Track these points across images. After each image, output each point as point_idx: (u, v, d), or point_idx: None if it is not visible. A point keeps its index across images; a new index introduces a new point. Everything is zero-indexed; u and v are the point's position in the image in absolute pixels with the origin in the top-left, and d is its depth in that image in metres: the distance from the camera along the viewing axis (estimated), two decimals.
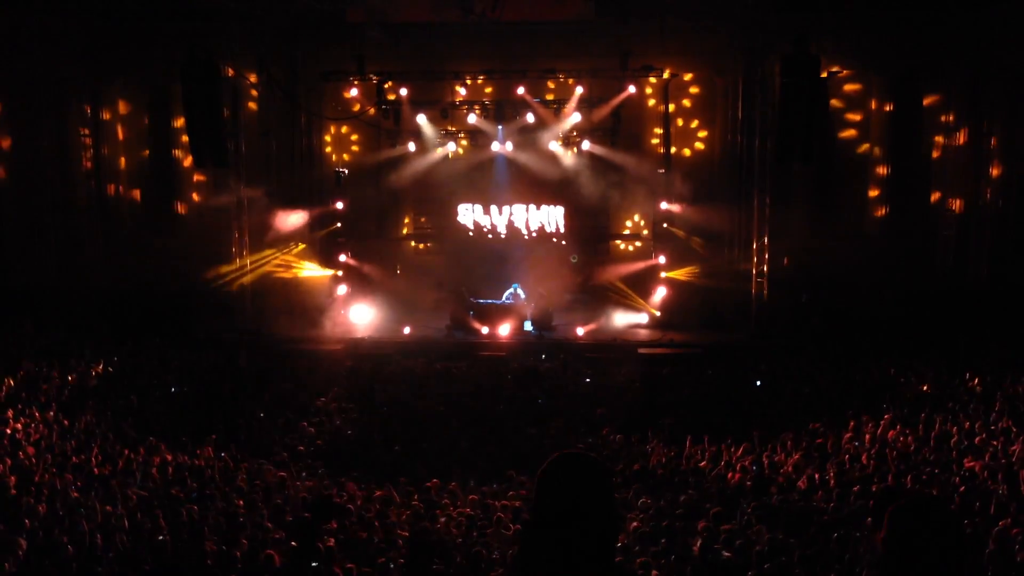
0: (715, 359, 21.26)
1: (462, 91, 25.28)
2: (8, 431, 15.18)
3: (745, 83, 25.24)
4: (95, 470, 13.76)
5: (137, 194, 29.12)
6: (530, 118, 24.96)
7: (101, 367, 19.93)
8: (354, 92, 25.55)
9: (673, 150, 25.98)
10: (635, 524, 11.29)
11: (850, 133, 27.19)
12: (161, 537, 10.80)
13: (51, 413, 16.52)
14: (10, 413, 16.10)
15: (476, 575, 9.63)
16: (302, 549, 10.12)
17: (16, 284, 24.98)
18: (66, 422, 16.16)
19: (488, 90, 26.21)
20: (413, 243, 28.53)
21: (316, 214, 25.70)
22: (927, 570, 2.99)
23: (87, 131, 27.20)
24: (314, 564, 9.74)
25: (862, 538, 10.07)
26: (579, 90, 24.68)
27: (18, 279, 25.23)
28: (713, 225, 26.44)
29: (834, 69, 25.21)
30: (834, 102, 26.53)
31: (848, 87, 26.76)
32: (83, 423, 16.19)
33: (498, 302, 24.51)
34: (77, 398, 17.94)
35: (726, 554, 10.10)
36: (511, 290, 24.67)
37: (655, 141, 26.71)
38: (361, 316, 24.95)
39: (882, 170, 26.80)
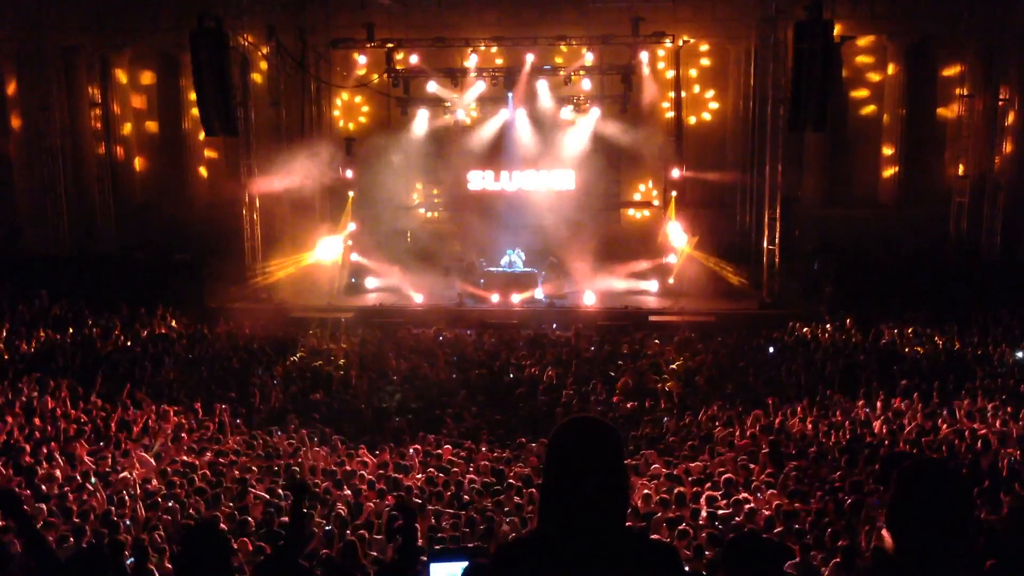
0: (727, 327, 21.23)
1: (472, 59, 25.11)
2: (24, 398, 15.29)
3: (757, 49, 25.02)
4: (110, 436, 13.86)
5: (147, 163, 29.15)
6: (541, 85, 24.82)
7: (114, 335, 20.00)
8: (363, 60, 25.43)
9: (686, 118, 25.78)
10: (647, 491, 11.34)
11: (863, 100, 26.97)
12: (172, 504, 10.88)
13: (65, 380, 16.61)
14: (25, 380, 16.20)
15: (489, 539, 9.68)
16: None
17: (30, 253, 25.08)
18: (80, 390, 16.25)
19: (498, 55, 25.98)
20: (424, 211, 28.44)
21: (326, 184, 25.65)
22: (933, 528, 3.01)
23: (97, 101, 27.17)
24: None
25: (875, 503, 10.09)
26: (589, 56, 24.50)
27: (32, 248, 25.34)
28: (725, 193, 26.37)
29: (848, 35, 24.95)
30: (847, 68, 26.28)
31: (862, 53, 26.51)
32: (97, 390, 16.28)
33: (509, 270, 24.47)
34: (91, 365, 18.02)
35: (737, 519, 10.15)
36: (508, 255, 24.62)
37: (666, 101, 26.45)
38: (372, 285, 24.99)
39: (895, 137, 26.59)
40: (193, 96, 23.32)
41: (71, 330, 19.92)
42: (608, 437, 3.12)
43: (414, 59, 24.90)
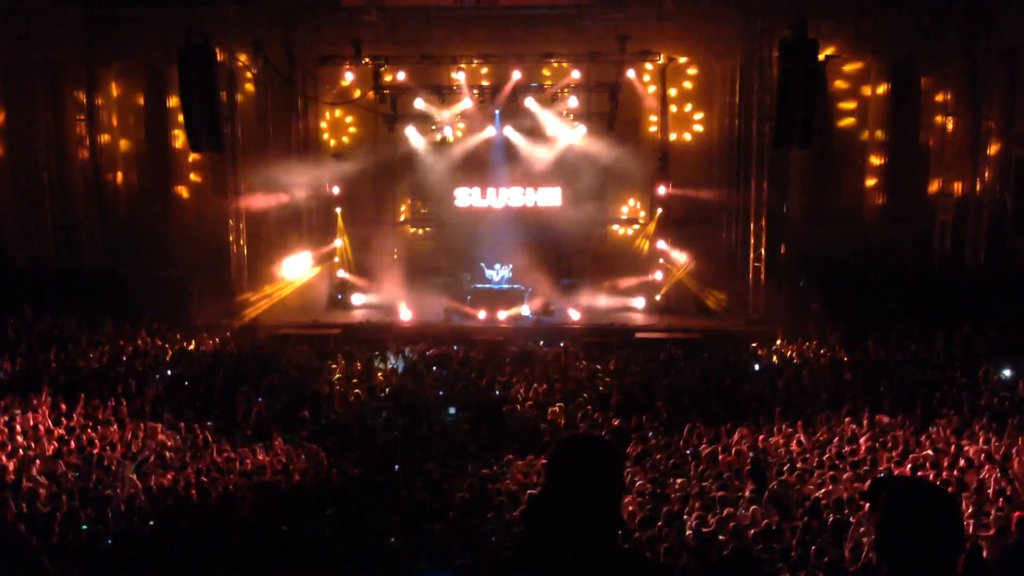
0: (713, 344, 21.27)
1: (459, 76, 25.19)
2: (7, 416, 15.16)
3: (743, 67, 25.19)
4: (94, 454, 13.76)
5: (134, 178, 29.06)
6: (528, 103, 24.93)
7: (98, 351, 19.89)
8: (350, 76, 25.48)
9: (671, 135, 25.89)
10: (631, 508, 11.32)
11: (848, 118, 27.16)
12: (152, 522, 10.83)
13: (49, 398, 16.49)
14: (8, 398, 16.08)
15: (475, 556, 9.66)
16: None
17: (14, 269, 24.95)
18: (64, 406, 16.13)
19: (484, 72, 26.07)
20: (411, 228, 28.46)
21: (312, 200, 25.66)
22: (921, 550, 3.01)
23: (83, 116, 27.12)
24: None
25: (859, 522, 10.11)
26: (575, 74, 24.62)
27: (16, 264, 25.20)
28: (711, 210, 26.48)
29: (832, 53, 25.17)
30: (832, 86, 26.48)
31: (846, 71, 26.70)
32: (81, 407, 16.17)
33: (495, 286, 24.50)
34: (74, 382, 17.89)
35: (721, 537, 10.14)
36: (494, 270, 24.65)
37: (652, 126, 26.58)
38: (358, 301, 24.96)
39: (880, 154, 26.76)
40: (179, 110, 23.31)
41: (55, 346, 19.77)
42: (608, 456, 3.13)
43: (401, 76, 24.94)
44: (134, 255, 26.06)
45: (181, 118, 23.21)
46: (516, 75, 24.60)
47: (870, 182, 27.02)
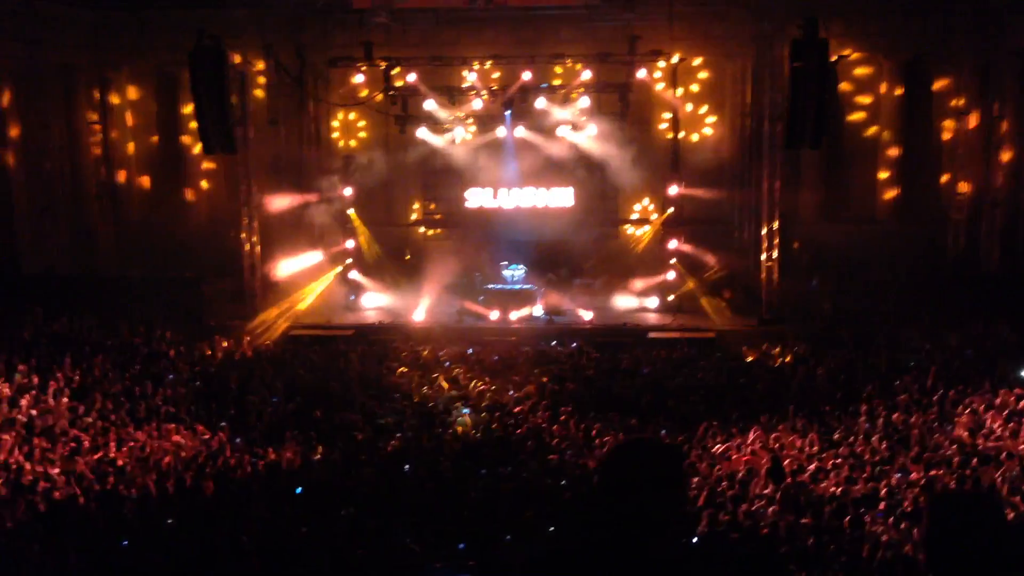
0: (726, 343, 21.24)
1: (470, 77, 25.21)
2: (22, 418, 15.24)
3: (754, 67, 25.16)
4: (109, 456, 13.83)
5: (146, 181, 29.19)
6: (539, 103, 24.92)
7: (112, 354, 19.95)
8: (361, 78, 25.53)
9: (682, 135, 25.84)
10: None
11: (860, 117, 27.09)
12: (170, 521, 10.88)
13: (64, 400, 16.56)
14: (23, 400, 16.14)
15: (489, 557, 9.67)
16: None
17: (27, 271, 25.05)
18: (80, 408, 16.20)
19: (496, 76, 26.07)
20: (423, 229, 28.49)
21: (325, 201, 25.71)
22: (969, 558, 3.00)
23: (96, 118, 27.26)
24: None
25: (874, 520, 10.09)
26: (586, 74, 24.58)
27: (30, 267, 25.30)
28: (722, 209, 26.44)
29: (843, 53, 25.08)
30: (843, 86, 26.41)
31: (857, 71, 26.64)
32: (95, 410, 16.23)
33: (508, 286, 24.49)
34: (89, 384, 17.96)
35: (734, 535, 10.13)
36: (508, 270, 24.65)
37: (664, 126, 26.57)
38: (371, 302, 25.00)
39: (892, 154, 26.71)
40: (190, 110, 23.38)
41: (70, 348, 19.84)
42: (671, 459, 3.16)
43: (412, 77, 24.96)
44: (147, 258, 26.18)
45: (193, 119, 23.26)
46: (526, 75, 24.57)
47: (882, 181, 26.95)
